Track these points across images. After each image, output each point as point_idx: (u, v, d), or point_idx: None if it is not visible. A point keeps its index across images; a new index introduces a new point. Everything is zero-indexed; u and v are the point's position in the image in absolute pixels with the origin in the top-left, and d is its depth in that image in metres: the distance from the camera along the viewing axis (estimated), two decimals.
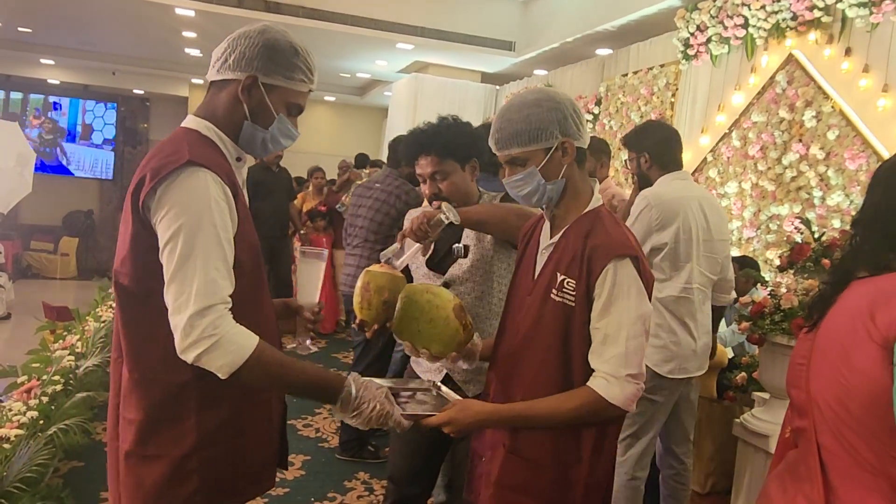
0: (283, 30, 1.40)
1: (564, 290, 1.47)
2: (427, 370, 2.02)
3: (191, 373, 1.27)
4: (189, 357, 1.20)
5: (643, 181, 2.70)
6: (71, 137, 12.31)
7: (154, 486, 1.30)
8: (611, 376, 1.41)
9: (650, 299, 1.48)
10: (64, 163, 12.11)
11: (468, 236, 2.02)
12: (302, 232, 6.23)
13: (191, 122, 1.39)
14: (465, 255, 1.98)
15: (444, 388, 1.65)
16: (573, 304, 1.46)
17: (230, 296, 1.25)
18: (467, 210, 1.85)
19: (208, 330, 1.19)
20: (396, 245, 1.73)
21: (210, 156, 1.31)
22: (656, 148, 2.64)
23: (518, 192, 1.54)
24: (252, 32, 1.37)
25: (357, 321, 1.66)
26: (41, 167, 11.36)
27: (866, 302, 1.08)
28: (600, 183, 3.24)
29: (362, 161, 7.36)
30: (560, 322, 1.47)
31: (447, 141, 1.97)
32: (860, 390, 1.05)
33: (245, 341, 1.23)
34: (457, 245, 2.01)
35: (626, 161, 2.85)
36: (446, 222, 1.74)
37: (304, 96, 1.44)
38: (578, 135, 1.51)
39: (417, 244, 1.74)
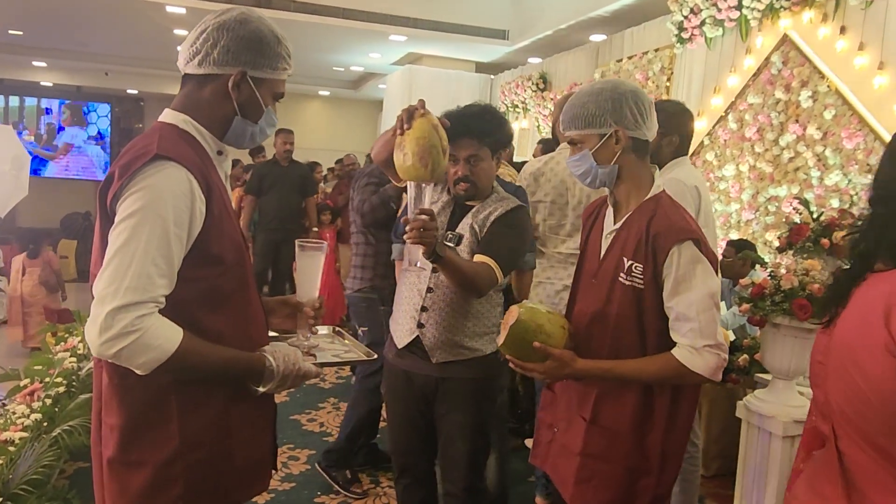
0: (259, 16, 1.36)
1: (633, 273, 1.61)
2: (400, 330, 2.10)
3: (170, 376, 1.25)
4: (105, 354, 1.15)
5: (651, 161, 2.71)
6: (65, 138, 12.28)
7: (138, 493, 1.27)
8: (691, 348, 1.54)
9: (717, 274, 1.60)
10: (59, 165, 12.09)
11: (464, 226, 2.04)
12: (315, 229, 6.16)
13: (168, 116, 1.35)
14: (459, 244, 2.01)
15: (345, 334, 1.75)
16: (642, 287, 1.60)
17: (170, 296, 1.21)
18: (454, 257, 1.85)
19: (129, 326, 1.14)
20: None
21: (182, 150, 1.26)
22: (687, 131, 2.64)
23: (575, 170, 1.71)
24: (231, 23, 1.32)
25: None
26: (35, 171, 11.35)
27: (882, 306, 0.99)
28: None
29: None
30: (632, 303, 1.61)
31: (489, 129, 2.03)
32: (876, 400, 0.98)
33: (168, 337, 1.18)
34: (451, 232, 2.04)
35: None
36: (447, 241, 1.83)
37: (284, 83, 1.44)
38: (635, 126, 1.63)
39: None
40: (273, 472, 1.54)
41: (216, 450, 1.32)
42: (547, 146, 4.04)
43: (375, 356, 1.65)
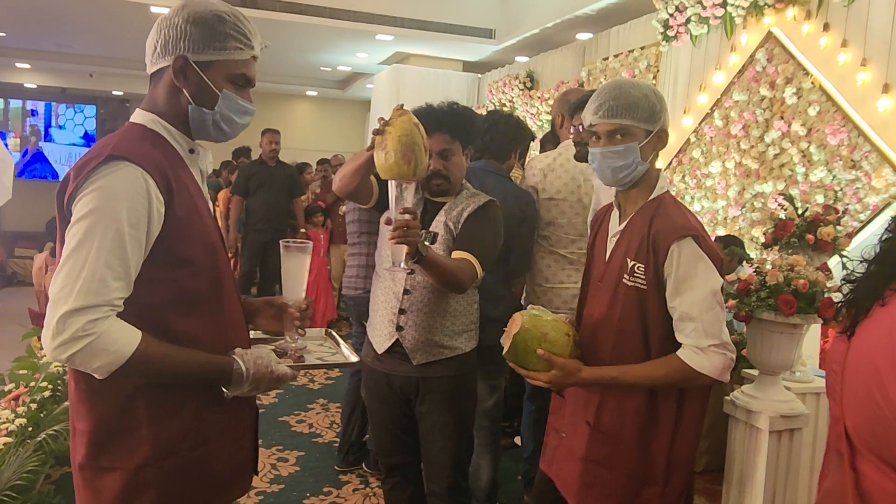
0: (206, 1, 1.30)
1: (636, 274, 1.58)
2: (379, 335, 2.10)
3: (137, 381, 1.22)
4: (59, 357, 1.13)
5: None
6: (49, 140, 12.17)
7: (111, 499, 1.25)
8: (696, 348, 1.51)
9: (721, 274, 1.57)
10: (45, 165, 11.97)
11: (438, 224, 2.05)
12: (302, 230, 6.13)
13: (136, 116, 1.33)
14: (434, 242, 2.02)
15: (335, 336, 1.72)
16: (645, 288, 1.56)
17: (129, 299, 1.18)
18: (436, 256, 1.85)
19: (81, 331, 1.11)
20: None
21: (141, 149, 1.23)
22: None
23: (612, 162, 1.60)
24: (172, 14, 1.28)
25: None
26: (21, 173, 11.23)
27: None
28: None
29: None
30: (635, 305, 1.58)
31: (461, 123, 2.07)
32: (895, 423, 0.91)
33: (126, 341, 1.15)
34: (426, 231, 2.03)
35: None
36: (423, 239, 1.81)
37: (248, 64, 1.34)
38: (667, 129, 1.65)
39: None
40: (254, 475, 1.52)
41: (191, 456, 1.29)
42: (545, 142, 3.97)
43: (357, 360, 1.63)
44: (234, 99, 1.33)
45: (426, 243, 1.91)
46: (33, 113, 12.18)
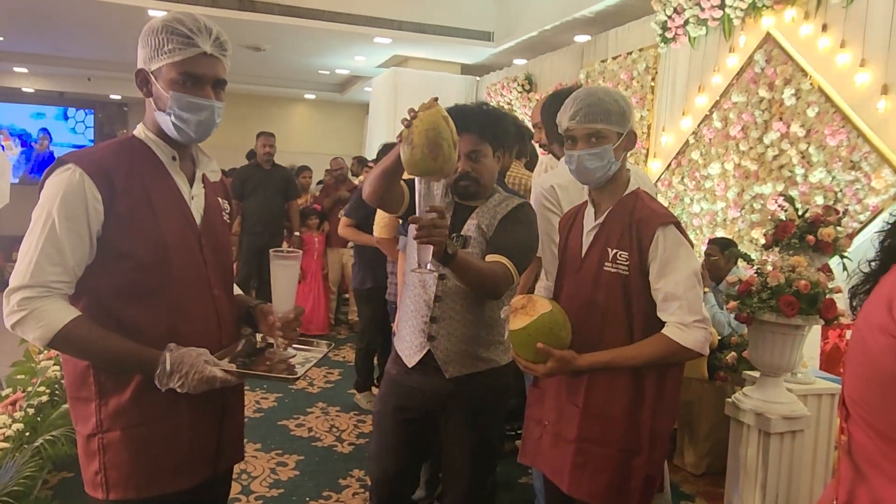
0: (174, 13, 1.42)
1: (618, 261, 1.70)
2: (409, 348, 1.99)
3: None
4: (7, 325, 1.32)
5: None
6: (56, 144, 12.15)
7: (81, 459, 1.45)
8: (681, 324, 1.64)
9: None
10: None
11: (469, 227, 1.96)
12: (297, 234, 6.10)
13: (136, 128, 1.49)
14: (465, 246, 1.93)
15: (324, 347, 1.67)
16: (627, 273, 1.69)
17: (70, 280, 1.34)
18: (467, 256, 1.78)
19: (16, 306, 1.31)
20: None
21: (93, 156, 1.38)
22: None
23: (589, 163, 1.72)
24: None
25: None
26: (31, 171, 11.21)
27: (887, 290, 1.00)
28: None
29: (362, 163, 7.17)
30: (618, 289, 1.70)
31: (490, 123, 2.00)
32: (878, 383, 0.99)
33: (54, 318, 1.31)
34: (456, 234, 1.95)
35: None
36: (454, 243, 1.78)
37: (196, 62, 1.38)
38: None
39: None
40: (213, 469, 1.52)
41: (129, 435, 1.39)
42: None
43: (295, 376, 1.51)
44: (182, 97, 1.38)
45: (457, 245, 1.80)
46: (40, 116, 12.19)
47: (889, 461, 1.00)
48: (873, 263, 1.12)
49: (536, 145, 3.27)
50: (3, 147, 11.42)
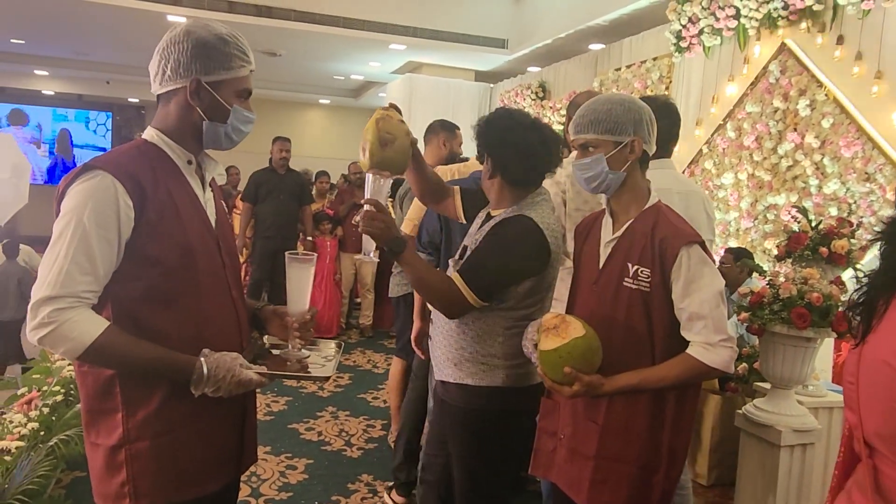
0: (206, 23, 1.42)
1: (639, 278, 1.65)
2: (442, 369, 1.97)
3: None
4: (33, 339, 1.27)
5: None
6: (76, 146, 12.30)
7: (98, 473, 1.39)
8: (707, 344, 1.59)
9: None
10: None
11: (469, 237, 1.95)
12: (309, 238, 6.14)
13: (146, 131, 1.47)
14: (461, 257, 1.92)
15: (337, 348, 1.72)
16: (648, 290, 1.64)
17: (98, 290, 1.30)
18: (414, 260, 1.81)
19: (46, 318, 1.25)
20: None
21: (120, 161, 1.35)
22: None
23: (583, 174, 1.71)
24: (179, 37, 1.39)
25: None
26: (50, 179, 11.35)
27: None
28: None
29: None
30: (640, 306, 1.65)
31: (482, 133, 1.95)
32: None
33: (86, 330, 1.26)
34: (465, 246, 1.94)
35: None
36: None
37: (249, 79, 1.47)
38: (649, 140, 1.70)
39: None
40: (238, 472, 1.56)
41: (158, 443, 1.37)
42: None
43: (330, 374, 1.57)
44: (240, 111, 1.45)
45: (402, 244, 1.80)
46: (62, 119, 12.35)
47: None
48: (876, 279, 1.02)
49: None
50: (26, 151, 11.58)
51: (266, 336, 1.66)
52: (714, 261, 1.69)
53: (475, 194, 2.05)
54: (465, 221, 2.07)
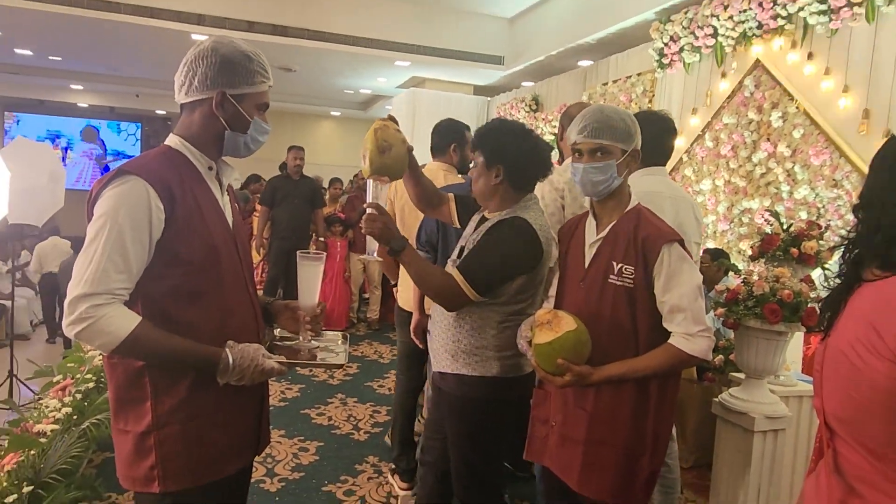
0: (230, 41, 1.42)
1: (623, 275, 1.66)
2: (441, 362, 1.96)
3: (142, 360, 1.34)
4: (70, 335, 1.26)
5: None
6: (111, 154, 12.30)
7: (126, 458, 1.38)
8: (687, 334, 1.60)
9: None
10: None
11: (466, 237, 1.94)
12: (321, 239, 6.15)
13: (169, 139, 1.46)
14: (459, 255, 1.91)
15: (344, 339, 1.70)
16: (632, 286, 1.65)
17: (129, 287, 1.29)
18: (414, 257, 1.81)
19: (84, 314, 1.24)
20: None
21: (151, 166, 1.34)
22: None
23: (592, 176, 1.69)
24: (206, 52, 1.39)
25: None
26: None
27: (869, 310, 0.94)
28: None
29: None
30: (623, 301, 1.66)
31: (482, 137, 1.91)
32: (878, 408, 0.93)
33: (121, 325, 1.26)
34: (463, 246, 1.92)
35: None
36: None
37: (267, 93, 1.48)
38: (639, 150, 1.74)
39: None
40: (256, 454, 1.56)
41: (185, 428, 1.37)
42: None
43: (344, 362, 1.58)
44: (259, 123, 1.46)
45: (402, 243, 1.80)
46: (96, 129, 12.36)
47: (888, 480, 0.94)
48: (838, 279, 1.06)
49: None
50: (64, 158, 11.59)
51: (277, 329, 1.66)
52: (693, 258, 1.69)
53: (468, 200, 2.04)
54: (458, 226, 2.06)
